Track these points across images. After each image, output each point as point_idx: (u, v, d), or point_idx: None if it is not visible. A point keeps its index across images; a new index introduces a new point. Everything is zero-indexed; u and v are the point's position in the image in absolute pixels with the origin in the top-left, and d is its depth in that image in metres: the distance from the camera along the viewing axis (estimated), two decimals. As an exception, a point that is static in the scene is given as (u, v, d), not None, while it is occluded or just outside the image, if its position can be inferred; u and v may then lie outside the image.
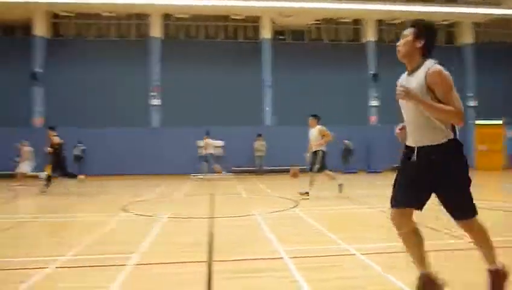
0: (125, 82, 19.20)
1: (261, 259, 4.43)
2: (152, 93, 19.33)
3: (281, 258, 4.36)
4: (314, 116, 10.09)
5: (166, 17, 20.36)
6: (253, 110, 19.87)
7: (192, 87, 19.55)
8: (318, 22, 21.60)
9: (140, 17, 20.35)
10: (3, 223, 6.79)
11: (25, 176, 14.33)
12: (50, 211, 8.25)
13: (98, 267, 4.18)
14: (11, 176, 15.03)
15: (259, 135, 18.98)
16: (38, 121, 18.65)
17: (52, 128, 11.75)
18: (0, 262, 4.39)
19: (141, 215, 7.57)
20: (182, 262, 4.35)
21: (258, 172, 18.66)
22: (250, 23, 21.29)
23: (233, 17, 20.30)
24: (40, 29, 19.13)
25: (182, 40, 20.79)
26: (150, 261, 4.38)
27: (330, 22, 21.85)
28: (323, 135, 9.76)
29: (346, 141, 19.10)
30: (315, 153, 9.77)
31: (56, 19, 19.91)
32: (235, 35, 21.44)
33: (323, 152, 9.76)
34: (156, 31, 19.85)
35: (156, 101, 19.35)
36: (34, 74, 18.55)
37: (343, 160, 19.02)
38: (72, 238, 5.77)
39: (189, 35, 20.93)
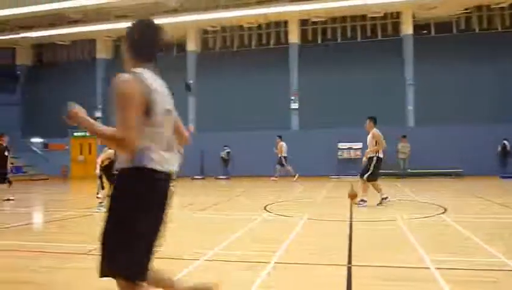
0: (266, 88, 20.08)
1: (404, 267, 4.19)
2: (292, 98, 19.86)
3: (427, 268, 4.06)
4: (371, 118, 9.11)
5: (303, 22, 20.72)
6: (395, 110, 18.88)
7: (331, 89, 19.45)
8: (467, 11, 19.53)
9: (278, 25, 21.12)
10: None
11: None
12: (199, 208, 9.07)
13: (242, 263, 4.46)
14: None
15: (404, 136, 17.87)
16: (190, 127, 20.74)
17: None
18: (162, 251, 4.99)
19: (282, 215, 7.83)
20: (321, 264, 4.37)
21: (402, 175, 17.60)
22: (390, 19, 20.36)
23: (371, 15, 19.63)
24: (192, 44, 21.31)
25: (318, 43, 20.91)
26: (290, 261, 4.50)
27: (481, 10, 19.59)
28: (377, 142, 8.74)
29: (505, 141, 16.91)
30: (370, 159, 8.79)
31: (205, 34, 21.89)
32: (374, 33, 20.72)
33: (379, 159, 8.75)
34: (293, 37, 20.36)
35: (295, 105, 19.82)
36: (188, 86, 20.73)
37: (502, 162, 16.83)
38: (219, 234, 6.26)
39: (326, 37, 20.95)
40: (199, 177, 18.93)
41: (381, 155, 8.82)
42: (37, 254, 5.12)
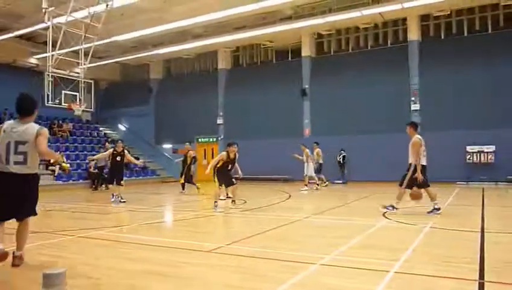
0: (383, 89, 19.28)
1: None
2: (412, 98, 18.77)
3: None
4: (411, 124, 9.13)
5: (424, 18, 19.44)
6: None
7: (459, 87, 17.82)
8: None
9: (397, 23, 20.16)
10: (280, 221, 7.90)
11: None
12: (315, 212, 9.09)
13: (359, 270, 4.38)
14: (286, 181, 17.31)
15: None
16: (307, 131, 20.90)
17: None
18: (274, 253, 5.16)
19: (403, 223, 7.47)
20: (446, 277, 4.08)
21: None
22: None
23: (504, 2, 17.49)
24: (306, 49, 21.50)
25: (441, 38, 19.40)
26: (412, 271, 4.29)
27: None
28: (414, 148, 8.56)
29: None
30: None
31: (319, 38, 21.89)
32: (508, 24, 18.48)
33: (423, 166, 8.64)
34: (413, 34, 19.23)
35: (415, 106, 18.68)
36: (303, 90, 20.96)
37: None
38: (336, 239, 6.22)
39: (449, 32, 19.32)
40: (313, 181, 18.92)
41: (424, 163, 8.81)
42: (167, 249, 5.67)
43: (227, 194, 11.59)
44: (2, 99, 20.70)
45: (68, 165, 17.68)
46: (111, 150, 12.83)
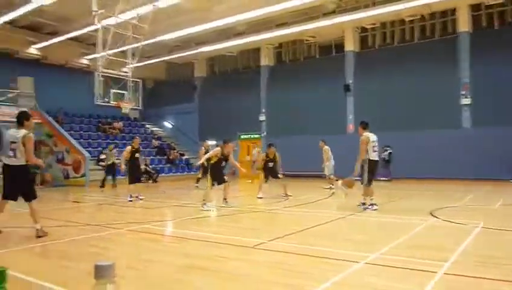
0: (430, 83, 18.61)
1: None
2: (462, 92, 17.97)
3: None
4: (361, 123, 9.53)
5: (475, 7, 18.52)
6: None
7: (510, 81, 16.90)
8: None
9: (445, 14, 19.34)
10: (323, 218, 7.83)
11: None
12: (360, 209, 8.93)
13: (406, 270, 4.27)
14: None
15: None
16: (350, 127, 20.54)
17: None
18: (317, 250, 5.12)
19: (451, 222, 7.19)
20: (500, 280, 3.90)
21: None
22: None
23: None
24: (350, 44, 21.11)
25: (494, 29, 18.41)
26: (462, 272, 4.13)
27: None
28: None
29: None
30: None
31: (363, 32, 21.42)
32: None
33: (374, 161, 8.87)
34: (464, 25, 18.37)
35: (466, 100, 17.88)
36: (347, 86, 20.62)
37: None
38: (380, 237, 6.09)
39: (503, 22, 18.30)
40: (359, 178, 18.59)
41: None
42: (210, 244, 5.78)
43: (286, 193, 11.72)
44: (57, 98, 21.88)
45: (119, 161, 18.25)
46: (128, 147, 12.07)
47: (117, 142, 22.69)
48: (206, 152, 14.42)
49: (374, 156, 9.06)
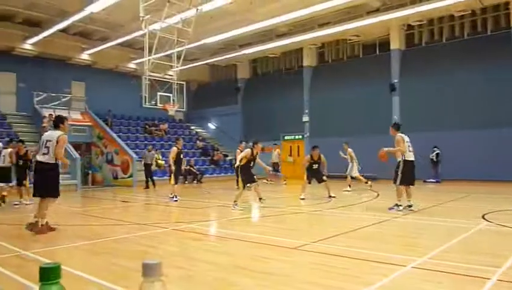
0: (481, 81, 17.76)
1: None
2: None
3: None
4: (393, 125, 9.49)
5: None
6: None
7: None
8: None
9: (497, 8, 18.39)
10: (368, 220, 7.67)
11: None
12: (406, 212, 8.66)
13: (455, 276, 4.10)
14: (373, 179, 16.69)
15: None
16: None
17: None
18: (362, 253, 5.02)
19: (505, 226, 6.83)
20: (559, 288, 3.66)
21: None
22: None
23: None
24: (395, 42, 20.54)
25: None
26: (517, 279, 3.91)
27: None
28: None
29: None
30: None
31: (409, 29, 20.78)
32: None
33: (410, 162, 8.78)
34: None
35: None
36: (392, 85, 20.08)
37: None
38: (428, 240, 5.89)
39: None
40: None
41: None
42: (254, 244, 5.81)
43: (329, 195, 11.70)
44: (106, 101, 22.81)
45: (163, 162, 18.88)
46: (174, 148, 12.10)
47: (163, 144, 23.34)
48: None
49: (410, 156, 8.91)
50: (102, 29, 20.68)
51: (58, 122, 7.21)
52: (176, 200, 11.67)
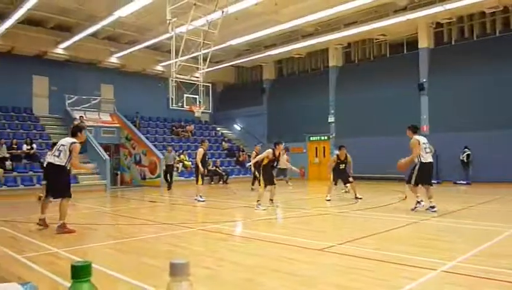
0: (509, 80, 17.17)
1: None
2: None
3: None
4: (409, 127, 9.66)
5: None
6: None
7: None
8: None
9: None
10: (396, 222, 7.53)
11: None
12: (435, 215, 8.47)
13: (488, 281, 3.98)
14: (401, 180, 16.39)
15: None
16: (424, 128, 19.56)
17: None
18: (389, 256, 4.94)
19: (540, 230, 6.58)
20: None
21: None
22: None
23: None
24: (424, 40, 20.10)
25: None
26: (553, 285, 3.77)
27: None
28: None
29: None
30: None
31: (438, 27, 20.30)
32: None
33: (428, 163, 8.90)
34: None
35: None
36: (421, 85, 19.66)
37: None
38: (458, 244, 5.74)
39: None
40: (434, 181, 17.65)
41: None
42: (279, 245, 5.81)
43: (355, 196, 11.66)
44: (134, 103, 23.26)
45: (190, 163, 19.19)
46: (201, 149, 12.32)
47: (189, 145, 23.61)
48: (257, 155, 15.06)
49: (427, 158, 8.99)
50: (130, 33, 21.11)
51: (76, 131, 7.57)
52: (203, 201, 11.79)
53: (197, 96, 17.31)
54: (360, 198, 11.48)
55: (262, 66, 27.34)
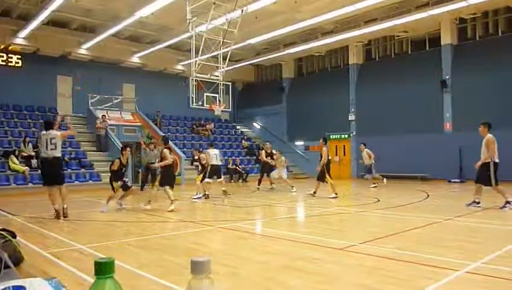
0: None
1: None
2: None
3: None
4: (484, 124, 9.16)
5: None
6: None
7: None
8: None
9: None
10: (418, 222, 7.42)
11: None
12: (457, 214, 8.31)
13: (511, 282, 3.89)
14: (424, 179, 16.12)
15: None
16: (447, 126, 19.19)
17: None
18: (412, 256, 4.86)
19: None
20: None
21: None
22: None
23: None
24: (447, 37, 19.68)
25: None
26: None
27: None
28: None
29: None
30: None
31: (462, 23, 19.85)
32: None
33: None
34: None
35: None
36: (444, 82, 19.27)
37: None
38: (483, 244, 5.61)
39: None
40: (457, 180, 17.33)
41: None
42: (300, 244, 5.79)
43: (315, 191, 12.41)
44: (155, 102, 23.52)
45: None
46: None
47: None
48: (267, 154, 16.04)
49: (497, 158, 9.10)
50: (152, 33, 21.36)
51: (48, 126, 8.63)
52: (198, 197, 12.33)
53: (217, 95, 17.38)
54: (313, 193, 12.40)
55: (281, 64, 27.28)
